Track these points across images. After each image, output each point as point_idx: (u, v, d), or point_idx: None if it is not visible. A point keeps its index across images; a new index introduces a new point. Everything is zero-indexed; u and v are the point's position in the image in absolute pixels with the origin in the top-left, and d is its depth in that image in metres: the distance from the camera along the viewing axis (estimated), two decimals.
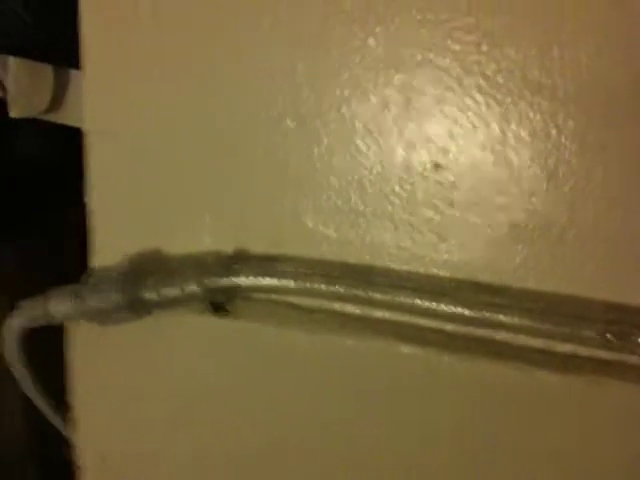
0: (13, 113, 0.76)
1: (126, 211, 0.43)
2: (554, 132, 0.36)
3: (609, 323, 0.35)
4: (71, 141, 0.46)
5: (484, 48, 0.35)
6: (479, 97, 0.36)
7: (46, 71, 0.75)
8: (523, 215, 0.37)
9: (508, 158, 0.37)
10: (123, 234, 0.43)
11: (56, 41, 0.69)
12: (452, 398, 0.39)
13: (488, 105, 0.36)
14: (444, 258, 0.39)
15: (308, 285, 0.39)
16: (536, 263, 0.37)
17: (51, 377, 0.46)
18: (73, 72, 0.77)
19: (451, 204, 0.38)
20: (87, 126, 0.42)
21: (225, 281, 0.39)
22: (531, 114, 0.36)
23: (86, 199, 0.43)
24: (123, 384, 0.44)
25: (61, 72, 0.76)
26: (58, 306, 0.39)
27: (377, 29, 0.36)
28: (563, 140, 0.36)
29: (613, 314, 0.36)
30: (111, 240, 0.43)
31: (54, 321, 0.40)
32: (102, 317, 0.40)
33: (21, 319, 0.40)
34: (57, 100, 0.78)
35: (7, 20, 0.70)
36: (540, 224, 0.37)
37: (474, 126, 0.36)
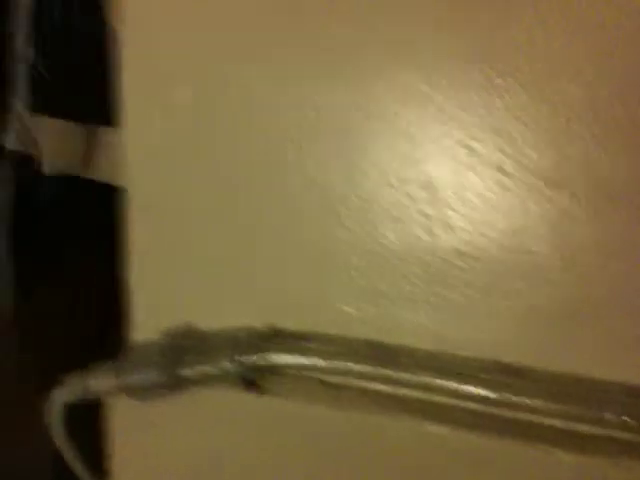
0: (46, 170, 0.79)
1: (163, 288, 0.45)
2: (568, 223, 0.38)
3: (627, 406, 0.37)
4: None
5: (508, 150, 0.37)
6: (498, 190, 0.38)
7: (77, 129, 0.79)
8: (542, 299, 0.39)
9: (526, 246, 0.38)
10: (160, 310, 0.46)
11: (86, 100, 0.73)
12: (476, 476, 0.40)
13: (506, 197, 0.38)
14: (465, 338, 0.40)
15: (336, 364, 0.40)
16: (555, 345, 0.39)
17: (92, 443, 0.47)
18: (102, 129, 0.80)
19: (472, 287, 0.40)
20: (130, 207, 0.45)
21: (256, 359, 0.41)
22: (547, 206, 0.38)
23: (126, 276, 0.45)
24: (158, 455, 0.46)
25: (91, 129, 0.79)
26: (98, 383, 0.41)
27: (404, 126, 0.39)
28: (578, 230, 0.38)
29: (632, 397, 0.37)
30: (149, 315, 0.46)
31: (94, 396, 0.42)
32: (140, 394, 0.42)
33: (62, 395, 0.42)
34: (87, 157, 0.81)
35: (39, 81, 0.73)
36: (559, 308, 0.39)
37: (494, 216, 0.39)
